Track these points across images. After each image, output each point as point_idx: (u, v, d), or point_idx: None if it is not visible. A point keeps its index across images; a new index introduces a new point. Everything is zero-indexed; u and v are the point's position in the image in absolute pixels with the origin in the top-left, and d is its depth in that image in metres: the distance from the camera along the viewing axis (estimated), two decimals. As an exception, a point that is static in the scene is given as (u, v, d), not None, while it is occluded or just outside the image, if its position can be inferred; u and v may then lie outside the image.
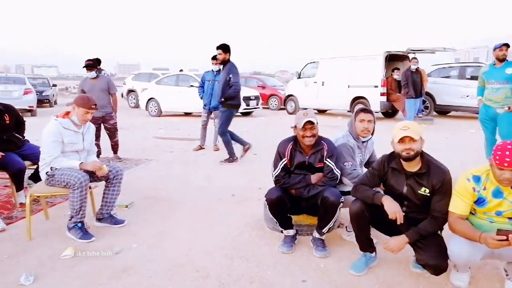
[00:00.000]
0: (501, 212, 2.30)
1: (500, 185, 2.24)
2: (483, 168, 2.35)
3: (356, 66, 11.78)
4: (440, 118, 12.16)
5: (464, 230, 2.30)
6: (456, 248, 2.34)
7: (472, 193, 2.32)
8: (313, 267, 2.79)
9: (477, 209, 2.38)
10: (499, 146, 2.18)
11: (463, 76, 11.52)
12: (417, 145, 2.43)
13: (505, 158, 2.09)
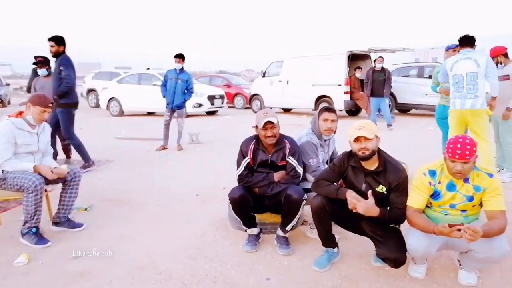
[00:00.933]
0: (454, 205, 2.41)
1: (454, 178, 2.34)
2: (438, 162, 2.45)
3: (320, 65, 11.95)
4: (401, 116, 12.56)
5: (420, 223, 2.38)
6: (414, 241, 2.41)
7: (428, 187, 2.42)
8: (277, 265, 2.79)
9: (433, 203, 2.47)
10: (451, 140, 2.29)
11: (421, 75, 11.95)
12: (372, 143, 2.49)
13: (456, 151, 2.20)
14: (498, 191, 2.33)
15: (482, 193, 2.34)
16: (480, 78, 4.47)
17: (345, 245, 3.06)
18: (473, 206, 2.40)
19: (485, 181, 2.33)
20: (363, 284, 2.54)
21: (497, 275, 2.64)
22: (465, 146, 2.21)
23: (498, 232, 2.25)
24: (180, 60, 6.98)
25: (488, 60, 4.49)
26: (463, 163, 2.22)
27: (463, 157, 2.20)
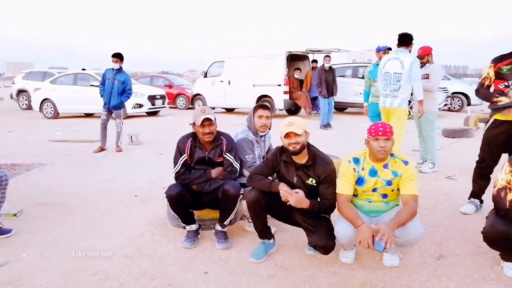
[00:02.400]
0: (376, 189, 2.66)
1: (377, 161, 2.60)
2: (362, 151, 2.70)
3: (260, 66, 12.16)
4: (338, 114, 13.12)
5: (349, 216, 2.58)
6: (341, 229, 2.60)
7: (353, 173, 2.65)
8: (215, 259, 2.86)
9: (358, 189, 2.70)
10: (372, 125, 2.62)
11: (356, 75, 12.59)
12: (302, 138, 2.64)
13: (378, 129, 2.53)
14: (412, 177, 2.59)
15: (399, 178, 2.59)
16: (404, 79, 4.81)
17: (281, 236, 3.20)
18: (391, 190, 2.65)
19: (402, 168, 2.59)
20: (297, 272, 2.68)
21: (416, 255, 2.90)
22: (385, 125, 2.56)
23: (410, 217, 2.50)
24: (117, 60, 6.79)
25: (413, 62, 4.78)
26: (385, 139, 2.51)
27: (385, 133, 2.51)
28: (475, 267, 2.70)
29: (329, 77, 10.06)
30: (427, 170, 5.28)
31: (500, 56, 3.45)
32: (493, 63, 3.45)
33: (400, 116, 4.90)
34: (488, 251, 2.75)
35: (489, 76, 3.49)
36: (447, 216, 3.69)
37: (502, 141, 3.47)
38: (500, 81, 3.43)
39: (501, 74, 3.40)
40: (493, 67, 3.44)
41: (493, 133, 3.53)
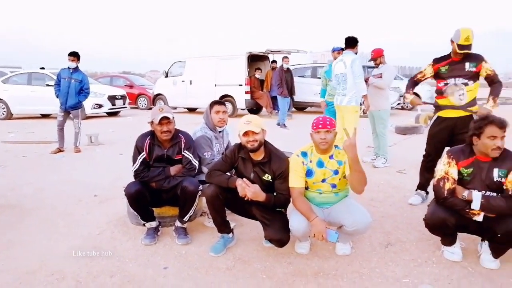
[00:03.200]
0: (325, 179, 2.82)
1: (321, 152, 2.77)
2: (308, 145, 2.87)
3: (221, 66, 12.22)
4: (299, 113, 13.42)
5: (302, 210, 2.74)
6: (295, 223, 2.74)
7: (302, 166, 2.80)
8: (175, 254, 2.92)
9: (309, 182, 2.84)
10: (314, 119, 2.77)
11: (315, 75, 12.89)
12: (259, 136, 2.75)
13: (319, 122, 2.70)
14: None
15: (344, 166, 2.77)
16: (348, 78, 5.11)
17: (241, 230, 3.30)
18: (339, 179, 2.81)
19: (344, 156, 2.76)
20: (255, 263, 2.79)
21: (367, 244, 3.09)
22: (325, 119, 2.72)
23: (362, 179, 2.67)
24: (74, 59, 6.64)
25: (353, 60, 5.07)
26: (326, 132, 2.68)
27: (325, 126, 2.68)
28: (419, 252, 2.91)
29: (288, 77, 10.34)
30: (380, 165, 5.56)
31: (440, 58, 3.73)
32: (433, 62, 3.74)
33: (349, 113, 5.15)
34: (431, 237, 2.98)
35: (425, 72, 3.80)
36: (396, 208, 3.92)
37: (445, 136, 3.75)
38: (440, 81, 3.71)
39: (440, 74, 3.67)
40: (432, 66, 3.72)
41: (436, 129, 3.81)
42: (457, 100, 3.56)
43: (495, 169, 2.61)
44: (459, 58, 3.60)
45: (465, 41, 3.47)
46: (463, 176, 2.69)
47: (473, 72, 3.57)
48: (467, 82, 3.57)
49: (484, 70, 3.57)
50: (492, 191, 2.63)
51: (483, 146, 2.56)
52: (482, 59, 3.58)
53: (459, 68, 3.59)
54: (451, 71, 3.63)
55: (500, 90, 3.64)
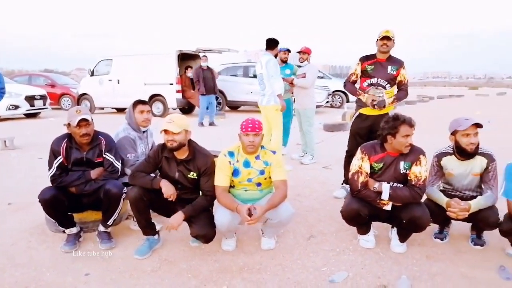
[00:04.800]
0: (251, 179, 2.90)
1: (247, 154, 2.84)
2: (236, 145, 2.93)
3: (151, 64, 11.92)
4: (232, 112, 13.52)
5: (226, 202, 2.80)
6: (219, 217, 2.80)
7: (229, 166, 2.86)
8: (98, 260, 2.83)
9: (235, 180, 2.91)
10: (243, 121, 2.82)
11: (247, 75, 13.08)
12: (179, 137, 2.75)
13: (248, 126, 2.76)
14: (280, 165, 2.90)
15: (270, 167, 2.88)
16: (265, 78, 5.23)
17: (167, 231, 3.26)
18: (264, 179, 2.92)
19: (271, 157, 2.88)
20: (181, 264, 2.79)
21: (291, 237, 3.22)
22: (254, 122, 2.79)
23: (281, 200, 2.81)
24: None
25: (268, 61, 5.16)
26: (254, 135, 2.76)
27: (254, 129, 2.76)
28: (338, 242, 3.11)
29: (208, 75, 10.22)
30: (307, 161, 5.80)
31: (366, 56, 3.96)
32: (360, 61, 3.96)
33: (270, 112, 5.27)
34: (349, 228, 3.18)
35: (356, 72, 4.01)
36: (320, 202, 4.13)
37: (366, 132, 3.98)
38: (365, 79, 3.93)
39: (366, 73, 3.89)
40: (360, 64, 3.95)
41: (358, 126, 4.04)
42: None
43: (401, 162, 2.86)
44: (384, 59, 3.83)
45: (385, 33, 3.73)
46: (375, 170, 2.91)
47: (393, 76, 3.83)
48: (385, 86, 3.82)
49: (401, 75, 3.86)
50: (399, 182, 2.88)
51: (398, 144, 2.80)
52: (402, 64, 3.86)
53: (383, 69, 3.82)
54: (375, 71, 3.84)
55: (404, 97, 3.95)
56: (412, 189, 2.79)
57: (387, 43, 3.75)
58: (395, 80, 3.87)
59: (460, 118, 2.87)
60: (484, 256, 2.87)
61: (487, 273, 2.62)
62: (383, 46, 3.76)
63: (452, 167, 2.97)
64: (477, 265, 2.73)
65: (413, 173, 2.82)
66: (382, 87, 3.82)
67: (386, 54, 3.82)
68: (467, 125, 2.78)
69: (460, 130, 2.81)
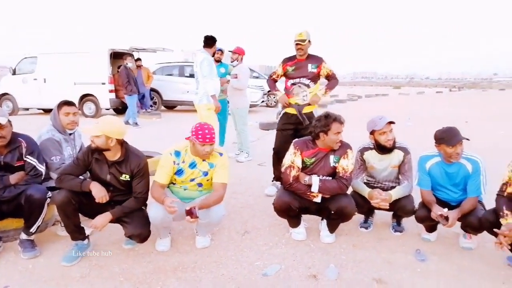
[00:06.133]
0: (194, 179, 2.90)
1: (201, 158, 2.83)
2: (183, 145, 2.89)
3: (81, 63, 11.30)
4: (168, 112, 13.28)
5: (157, 196, 2.78)
6: (153, 212, 2.79)
7: (173, 165, 2.84)
8: (19, 270, 2.65)
9: (177, 179, 2.90)
10: (198, 128, 2.74)
11: (182, 74, 12.91)
12: (99, 140, 2.65)
13: (206, 136, 2.71)
14: (224, 167, 2.92)
15: (214, 169, 2.89)
16: (198, 76, 5.23)
17: (98, 235, 3.16)
18: (207, 180, 2.92)
19: (217, 159, 2.90)
20: (113, 267, 2.71)
21: (225, 234, 3.26)
22: (210, 132, 2.75)
23: (216, 202, 2.84)
24: None
25: (202, 60, 5.14)
26: (211, 145, 2.75)
27: (211, 140, 2.74)
28: (271, 236, 3.20)
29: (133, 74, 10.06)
30: (243, 159, 5.88)
31: (288, 58, 4.12)
32: (282, 63, 4.12)
33: (202, 111, 5.25)
34: (282, 221, 3.29)
35: (277, 73, 4.19)
36: (255, 198, 4.22)
37: (291, 130, 4.14)
38: (289, 79, 4.10)
39: (288, 74, 4.07)
40: (281, 66, 4.10)
41: (284, 124, 4.18)
42: (301, 101, 4.01)
43: (331, 156, 3.02)
44: (303, 59, 4.01)
45: (298, 36, 3.91)
46: (307, 164, 3.04)
47: (314, 73, 4.03)
48: (309, 84, 4.01)
49: (324, 70, 4.05)
50: (329, 175, 3.04)
51: (331, 141, 2.94)
52: (322, 60, 4.06)
53: (304, 69, 4.01)
54: (297, 71, 4.03)
55: (335, 85, 4.17)
56: (340, 181, 2.95)
57: (301, 47, 3.95)
58: (317, 77, 4.06)
59: (375, 118, 3.10)
60: (403, 241, 3.12)
61: (405, 256, 2.86)
62: (298, 51, 3.97)
63: (373, 160, 3.19)
64: (397, 250, 2.97)
65: (341, 166, 2.99)
66: (306, 85, 4.00)
67: (304, 54, 4.01)
68: (382, 124, 3.01)
69: (376, 129, 3.04)
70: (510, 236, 2.44)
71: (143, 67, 11.66)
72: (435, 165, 2.97)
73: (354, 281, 2.52)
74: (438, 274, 2.61)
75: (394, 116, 3.25)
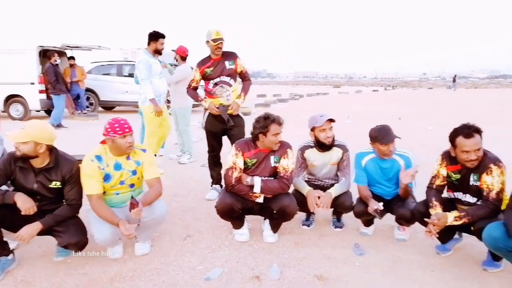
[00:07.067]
0: (123, 181, 2.77)
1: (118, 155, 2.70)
2: (100, 148, 2.74)
3: (6, 61, 10.42)
4: (106, 113, 12.69)
5: (106, 216, 2.62)
6: (100, 234, 2.63)
7: (99, 171, 2.67)
8: None
9: (106, 186, 2.73)
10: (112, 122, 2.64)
11: (121, 74, 12.39)
12: (26, 147, 2.46)
13: (123, 127, 2.62)
14: (152, 163, 2.83)
15: (141, 166, 2.78)
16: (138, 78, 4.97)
17: (25, 249, 2.93)
18: (138, 179, 2.82)
19: (142, 156, 2.79)
20: (41, 283, 2.50)
21: (166, 239, 3.15)
22: (126, 122, 2.66)
23: (157, 197, 2.76)
24: None
25: (139, 62, 4.89)
26: (131, 135, 2.64)
27: (130, 129, 2.65)
28: (214, 239, 3.15)
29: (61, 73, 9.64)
30: (185, 160, 5.75)
31: (202, 60, 3.95)
32: (198, 67, 3.95)
33: (145, 112, 4.98)
34: (226, 223, 3.24)
35: (196, 79, 4.00)
36: (198, 200, 4.14)
37: (219, 131, 4.05)
38: (209, 81, 3.93)
39: (207, 76, 3.91)
40: (198, 70, 3.94)
41: (211, 126, 4.05)
42: (225, 100, 3.91)
43: (272, 157, 3.03)
44: (219, 57, 3.89)
45: (217, 35, 3.78)
46: (248, 166, 3.02)
47: (233, 70, 3.92)
48: (229, 82, 3.91)
49: (240, 66, 3.96)
50: (270, 176, 3.04)
51: (270, 142, 2.93)
52: (236, 56, 3.96)
53: (222, 67, 3.89)
54: (215, 71, 3.88)
55: (249, 87, 4.09)
56: (281, 181, 2.97)
57: (222, 45, 3.83)
58: (236, 73, 3.97)
59: (316, 115, 3.16)
60: (342, 237, 3.21)
61: (344, 251, 2.94)
62: (217, 50, 3.83)
63: (314, 158, 3.25)
64: (337, 245, 3.04)
65: (282, 165, 3.01)
66: (227, 84, 3.90)
67: (220, 53, 3.89)
68: (323, 121, 3.07)
69: (317, 126, 3.10)
70: (438, 224, 2.58)
71: (77, 66, 11.05)
72: (370, 162, 3.09)
73: (296, 279, 2.54)
74: (375, 267, 2.71)
75: (334, 114, 3.33)
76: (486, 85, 52.42)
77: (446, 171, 2.74)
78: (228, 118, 3.91)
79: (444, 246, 2.89)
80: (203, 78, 3.98)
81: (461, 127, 2.56)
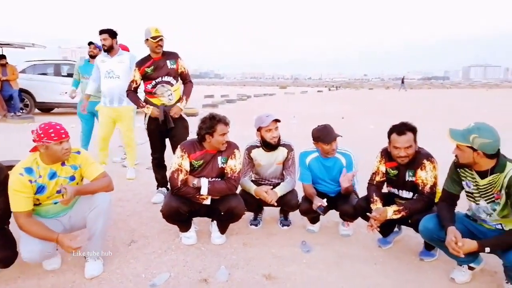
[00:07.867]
0: (60, 191, 2.54)
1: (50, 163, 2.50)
2: (30, 158, 2.51)
3: None
4: (43, 115, 11.95)
5: (39, 233, 2.39)
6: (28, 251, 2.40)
7: (30, 185, 2.42)
8: None
9: (41, 198, 2.52)
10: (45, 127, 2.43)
11: (59, 74, 11.72)
12: None
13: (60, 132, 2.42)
14: (90, 162, 2.66)
15: (80, 169, 2.62)
16: None
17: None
18: (77, 183, 2.63)
19: (77, 159, 2.62)
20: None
21: (110, 246, 3.01)
22: (61, 126, 2.48)
23: (102, 188, 2.62)
24: None
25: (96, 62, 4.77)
26: (67, 140, 2.47)
27: (67, 135, 2.47)
28: (160, 244, 3.06)
29: None
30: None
31: (141, 60, 3.85)
32: (137, 67, 3.83)
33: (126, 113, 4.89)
34: (173, 227, 3.16)
35: (135, 79, 3.87)
36: (144, 204, 4.01)
37: (162, 132, 3.95)
38: (149, 81, 3.81)
39: (147, 76, 3.79)
40: (137, 70, 3.83)
41: (152, 127, 3.94)
42: (167, 100, 3.83)
43: (219, 157, 3.00)
44: (160, 56, 3.79)
45: (156, 33, 3.68)
46: (195, 167, 2.97)
47: (174, 69, 3.83)
48: (171, 81, 3.82)
49: (181, 66, 3.88)
50: (218, 177, 3.01)
51: (217, 142, 2.89)
52: (177, 56, 3.88)
53: (163, 66, 3.79)
54: (156, 71, 3.78)
55: (191, 90, 4.00)
56: (229, 182, 2.95)
57: (163, 43, 3.75)
58: (177, 73, 3.89)
59: (262, 116, 3.18)
60: (290, 235, 3.26)
61: (292, 249, 2.98)
62: (158, 48, 3.74)
63: (260, 158, 3.27)
64: (285, 244, 3.08)
65: (229, 166, 2.99)
66: (168, 83, 3.82)
67: (161, 52, 3.80)
68: (269, 122, 3.10)
69: (263, 126, 3.12)
70: (379, 219, 2.70)
71: (8, 64, 10.31)
72: (314, 160, 3.16)
73: (244, 280, 2.54)
74: (321, 263, 2.77)
75: (281, 114, 3.37)
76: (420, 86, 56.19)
77: (385, 168, 2.88)
78: (169, 119, 3.80)
79: (385, 240, 3.03)
80: (143, 78, 3.84)
81: (398, 124, 2.69)
